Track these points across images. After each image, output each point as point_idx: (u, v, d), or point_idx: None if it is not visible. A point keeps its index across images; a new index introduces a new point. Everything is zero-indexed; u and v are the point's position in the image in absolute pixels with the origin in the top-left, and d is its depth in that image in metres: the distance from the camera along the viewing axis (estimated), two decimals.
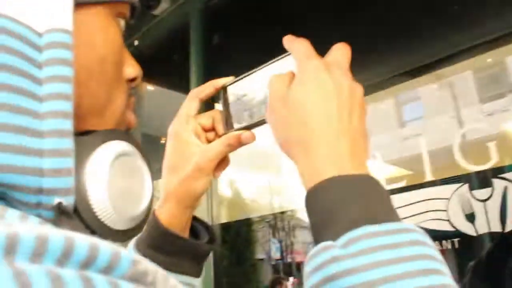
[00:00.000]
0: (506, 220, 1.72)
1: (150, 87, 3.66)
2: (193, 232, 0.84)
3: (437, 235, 1.92)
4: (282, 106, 0.60)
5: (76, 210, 0.46)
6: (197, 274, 0.79)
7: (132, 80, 0.62)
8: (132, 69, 0.62)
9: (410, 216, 1.97)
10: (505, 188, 1.77)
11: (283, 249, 26.44)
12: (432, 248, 0.48)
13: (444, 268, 0.47)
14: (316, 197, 0.54)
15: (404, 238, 0.47)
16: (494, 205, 1.78)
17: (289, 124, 0.59)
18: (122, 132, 0.56)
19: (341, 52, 0.64)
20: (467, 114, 2.22)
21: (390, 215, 0.51)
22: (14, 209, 0.38)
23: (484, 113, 2.16)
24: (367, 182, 0.53)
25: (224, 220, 2.87)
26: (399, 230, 0.48)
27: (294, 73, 0.63)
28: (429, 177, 1.99)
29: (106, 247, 0.31)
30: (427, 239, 0.49)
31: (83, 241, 0.30)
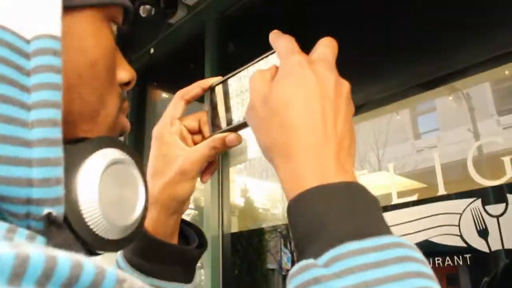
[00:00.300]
0: None
1: (165, 95, 3.69)
2: (184, 236, 0.81)
3: (448, 251, 1.88)
4: (262, 106, 0.56)
5: (66, 220, 0.45)
6: (188, 280, 0.77)
7: (126, 84, 0.61)
8: (125, 73, 0.60)
9: (422, 231, 1.94)
10: None
11: (294, 259, 26.43)
12: (422, 264, 0.44)
13: (435, 284, 0.43)
14: (297, 209, 0.49)
15: (391, 254, 0.43)
16: (507, 221, 1.75)
17: (269, 127, 0.54)
18: (116, 139, 0.55)
19: (327, 47, 0.59)
20: (483, 126, 2.19)
21: (378, 227, 0.47)
22: (1, 222, 0.37)
23: (501, 125, 2.13)
24: (353, 191, 0.49)
25: (235, 229, 2.87)
26: (387, 245, 0.44)
27: (278, 68, 0.58)
28: (442, 191, 1.96)
29: (90, 265, 0.30)
30: (417, 254, 0.45)
31: (65, 259, 0.29)
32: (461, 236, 1.82)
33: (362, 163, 2.45)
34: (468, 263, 1.81)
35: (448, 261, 1.83)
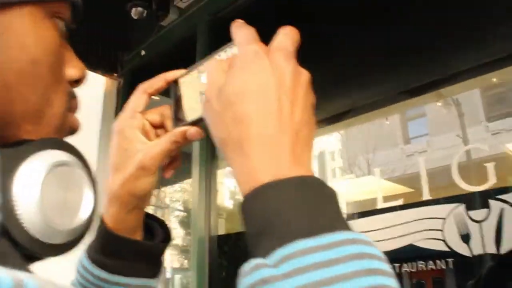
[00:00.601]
0: (501, 242, 1.71)
1: (155, 97, 3.69)
2: (149, 230, 0.79)
3: (432, 255, 1.91)
4: (216, 98, 0.53)
5: (4, 227, 0.43)
6: (154, 275, 0.75)
7: (76, 81, 0.59)
8: (74, 70, 0.58)
9: (406, 235, 1.96)
10: (502, 210, 1.76)
11: None
12: (377, 260, 0.42)
13: (390, 281, 0.41)
14: (250, 205, 0.47)
15: (344, 252, 0.41)
16: (490, 227, 1.78)
17: (223, 120, 0.52)
18: (60, 141, 0.53)
19: (286, 35, 0.56)
20: (472, 132, 2.23)
21: (333, 223, 0.44)
22: None
23: (490, 131, 2.17)
24: (308, 185, 0.46)
25: (223, 231, 2.86)
26: (340, 242, 0.42)
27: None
28: (426, 196, 1.98)
29: (6, 278, 0.29)
30: (373, 250, 0.43)
31: None
32: (444, 240, 1.85)
33: (351, 167, 2.47)
34: (451, 267, 1.84)
35: (431, 265, 1.85)
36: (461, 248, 1.80)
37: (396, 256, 2.04)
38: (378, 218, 2.07)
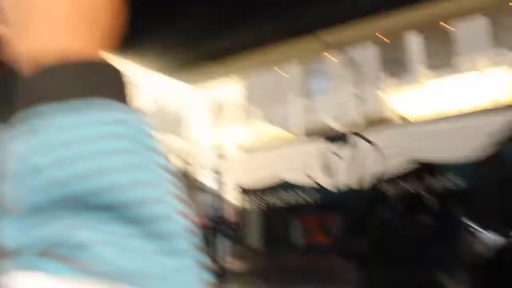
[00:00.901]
0: (364, 177, 1.87)
1: None
2: None
3: (300, 188, 2.03)
4: None
5: None
6: None
7: None
8: None
9: (281, 171, 2.06)
10: (364, 148, 1.91)
11: None
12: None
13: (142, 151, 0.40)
14: (26, 89, 0.41)
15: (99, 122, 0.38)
16: (353, 163, 1.93)
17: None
18: None
19: None
20: (366, 88, 2.36)
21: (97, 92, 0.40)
22: None
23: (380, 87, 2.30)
24: (89, 68, 0.41)
25: None
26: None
27: None
28: (298, 136, 2.09)
29: None
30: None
31: None
32: (312, 176, 1.98)
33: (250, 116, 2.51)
34: (318, 201, 1.99)
35: (301, 199, 1.99)
36: (327, 183, 1.94)
37: (270, 189, 2.15)
38: (256, 156, 2.15)
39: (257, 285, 16.24)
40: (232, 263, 21.72)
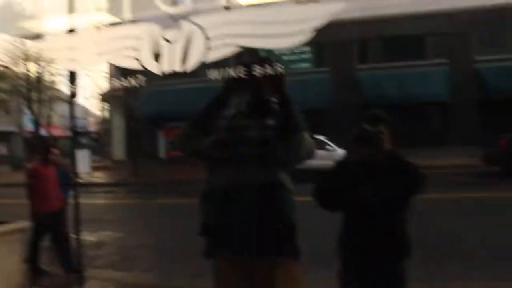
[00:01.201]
0: (187, 60, 1.86)
1: None
2: None
3: (127, 72, 1.96)
4: None
5: None
6: None
7: None
8: None
9: (105, 54, 1.96)
10: (191, 31, 1.87)
11: (37, 120, 24.90)
12: None
13: None
14: None
15: None
16: (179, 46, 1.89)
17: None
18: None
19: None
20: None
21: None
22: None
23: None
24: None
25: None
26: None
27: None
28: (127, 15, 1.97)
29: None
30: None
31: None
32: (139, 59, 1.91)
33: None
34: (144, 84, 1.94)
35: (126, 82, 1.93)
36: (153, 66, 1.88)
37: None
38: (77, 39, 2.01)
39: (119, 196, 16.15)
40: (94, 174, 21.24)
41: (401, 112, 21.15)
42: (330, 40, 22.19)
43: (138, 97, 19.67)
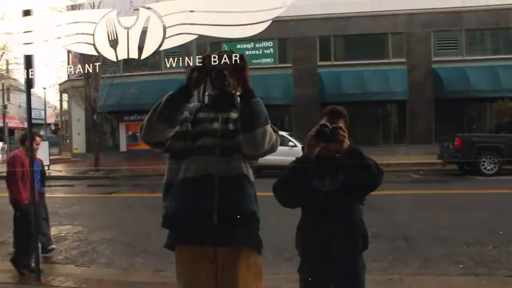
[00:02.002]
0: (144, 48, 1.85)
1: None
2: None
3: (89, 62, 1.95)
4: None
5: None
6: None
7: None
8: None
9: (59, 38, 1.94)
10: (148, 17, 1.87)
11: None
12: None
13: None
14: None
15: None
16: (136, 32, 1.89)
17: None
18: None
19: None
20: None
21: None
22: None
23: None
24: None
25: None
26: None
27: None
28: (85, 1, 1.95)
29: None
30: None
31: None
32: (94, 44, 1.90)
33: None
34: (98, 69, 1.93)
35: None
36: (108, 53, 1.88)
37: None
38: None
39: (78, 190, 15.82)
40: (53, 167, 20.68)
41: (361, 110, 21.63)
42: (293, 37, 22.45)
43: (99, 88, 19.23)
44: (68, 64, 22.81)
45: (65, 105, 30.54)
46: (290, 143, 14.82)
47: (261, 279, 2.31)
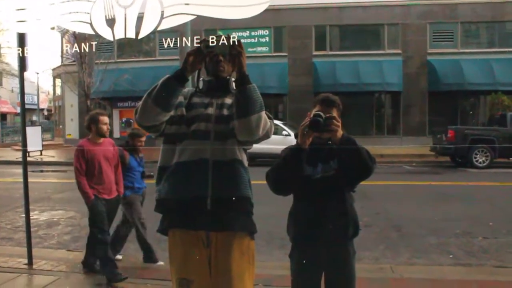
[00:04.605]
0: (141, 28, 1.83)
1: None
2: None
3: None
4: None
5: None
6: None
7: None
8: None
9: (56, 16, 1.91)
10: None
11: None
12: None
13: None
14: None
15: None
16: (133, 12, 1.87)
17: None
18: None
19: None
20: None
21: None
22: None
23: None
24: None
25: None
26: None
27: None
28: None
29: None
30: None
31: None
32: (91, 24, 1.87)
33: None
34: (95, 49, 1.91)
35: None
36: (105, 32, 1.86)
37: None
38: None
39: (71, 175, 15.73)
40: (45, 152, 20.54)
41: (355, 100, 21.64)
42: (288, 26, 22.36)
43: (92, 74, 19.08)
44: (62, 49, 22.60)
45: (58, 91, 30.32)
46: (284, 132, 14.83)
47: (254, 264, 2.32)
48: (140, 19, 1.84)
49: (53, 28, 20.91)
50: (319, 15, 22.31)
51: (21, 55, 3.04)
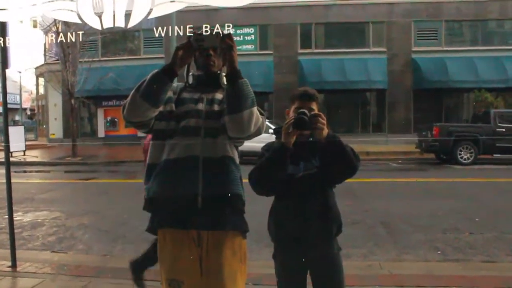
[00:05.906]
0: (131, 16, 1.78)
1: None
2: None
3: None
4: None
5: None
6: None
7: None
8: None
9: (40, 4, 1.84)
10: None
11: None
12: None
13: None
14: None
15: None
16: (123, 0, 1.81)
17: None
18: None
19: None
20: None
21: None
22: None
23: None
24: None
25: None
26: None
27: None
28: None
29: None
30: None
31: None
32: (77, 12, 1.80)
33: None
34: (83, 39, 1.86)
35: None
36: (92, 20, 1.79)
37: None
38: None
39: (55, 176, 15.55)
40: (29, 152, 20.26)
41: (341, 98, 21.72)
42: (274, 24, 22.35)
43: (77, 73, 18.83)
44: (45, 47, 22.28)
45: (41, 90, 29.89)
46: (270, 130, 14.81)
47: (246, 263, 2.27)
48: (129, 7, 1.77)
49: (35, 26, 20.61)
50: (305, 13, 22.34)
51: (2, 45, 2.91)
